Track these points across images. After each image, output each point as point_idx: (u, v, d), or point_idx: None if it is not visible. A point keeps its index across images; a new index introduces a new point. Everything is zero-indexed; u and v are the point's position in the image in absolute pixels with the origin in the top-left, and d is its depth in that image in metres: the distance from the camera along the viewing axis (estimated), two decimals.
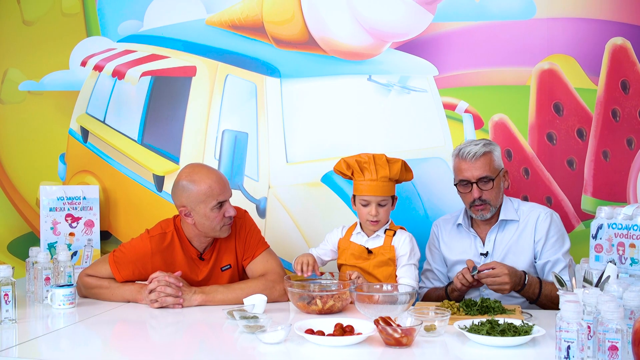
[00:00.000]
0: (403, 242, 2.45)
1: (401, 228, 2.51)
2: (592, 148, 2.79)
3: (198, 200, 2.38)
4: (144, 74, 3.21)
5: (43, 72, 3.35)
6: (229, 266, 2.53)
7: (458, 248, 2.57)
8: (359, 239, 2.49)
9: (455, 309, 2.10)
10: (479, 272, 2.27)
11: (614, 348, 1.43)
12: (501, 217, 2.50)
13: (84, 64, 3.30)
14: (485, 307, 2.09)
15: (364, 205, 2.42)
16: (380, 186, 2.38)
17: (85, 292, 2.49)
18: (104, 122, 3.29)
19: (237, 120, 3.11)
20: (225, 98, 3.12)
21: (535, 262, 2.47)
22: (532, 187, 2.84)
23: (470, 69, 2.88)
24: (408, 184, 2.91)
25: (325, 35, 3.00)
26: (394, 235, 2.47)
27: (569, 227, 2.78)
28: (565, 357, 1.45)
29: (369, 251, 2.46)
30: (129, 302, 2.41)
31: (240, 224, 2.56)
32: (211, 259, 2.51)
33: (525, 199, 2.82)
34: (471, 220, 2.57)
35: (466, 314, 2.07)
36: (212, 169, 2.48)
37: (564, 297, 1.51)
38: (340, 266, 2.52)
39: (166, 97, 3.20)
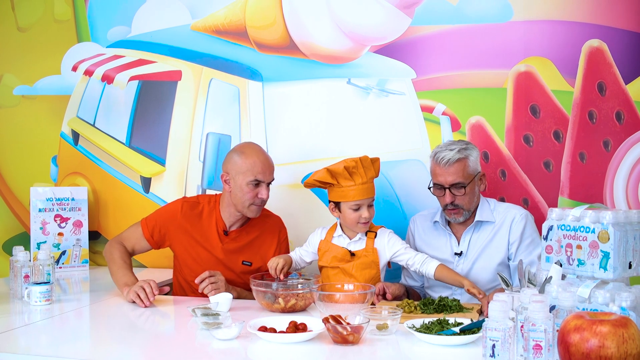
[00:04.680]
0: (389, 242, 2.48)
1: (381, 227, 2.54)
2: (569, 150, 2.80)
3: (239, 171, 2.53)
4: (132, 78, 3.30)
5: (36, 77, 3.46)
6: (249, 263, 2.64)
7: (433, 244, 2.60)
8: (341, 241, 2.52)
9: (413, 308, 2.13)
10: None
11: (538, 347, 1.46)
12: (477, 218, 2.52)
13: (74, 69, 3.40)
14: (442, 306, 2.12)
15: (356, 210, 2.43)
16: (370, 187, 2.42)
17: (106, 254, 2.65)
18: (93, 125, 3.38)
19: (221, 123, 3.18)
20: (209, 101, 3.19)
21: (509, 263, 2.49)
22: (509, 188, 2.86)
23: (448, 71, 2.91)
24: (387, 185, 2.96)
25: (305, 39, 3.06)
26: (375, 236, 2.51)
27: None
28: (490, 356, 1.48)
29: (352, 254, 2.49)
30: (117, 287, 2.53)
31: (284, 234, 2.75)
32: (237, 237, 2.63)
33: (502, 200, 2.83)
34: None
35: (422, 312, 2.10)
36: (264, 152, 2.63)
37: (495, 297, 1.54)
38: (321, 268, 2.55)
39: (153, 101, 3.28)
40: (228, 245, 2.62)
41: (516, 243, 2.47)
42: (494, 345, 1.47)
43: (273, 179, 2.60)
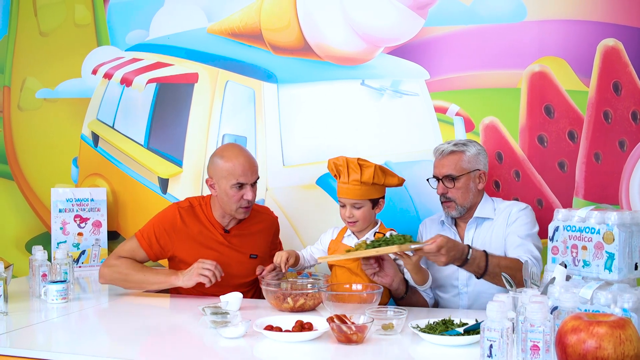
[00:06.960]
0: None
1: (391, 230, 2.56)
2: (584, 150, 2.77)
3: (221, 176, 2.54)
4: (150, 81, 3.36)
5: (58, 80, 3.55)
6: (256, 256, 2.66)
7: None
8: (350, 241, 2.55)
9: (359, 246, 2.26)
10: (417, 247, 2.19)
11: (535, 347, 1.46)
12: (476, 214, 2.55)
13: (94, 72, 3.48)
14: (385, 241, 2.21)
15: (342, 207, 2.50)
16: (351, 189, 2.44)
17: (112, 274, 2.57)
18: (113, 127, 3.45)
19: (237, 125, 3.22)
20: (225, 103, 3.24)
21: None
22: (523, 189, 2.84)
23: (461, 72, 2.91)
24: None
25: (320, 41, 3.08)
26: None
27: None
28: (488, 356, 1.49)
29: None
30: (162, 285, 2.53)
31: (276, 222, 2.81)
32: (239, 234, 2.65)
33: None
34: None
35: (366, 249, 2.20)
36: (245, 152, 2.61)
37: (495, 297, 1.55)
38: (331, 266, 2.58)
39: (170, 103, 3.34)
40: (233, 243, 2.64)
41: (510, 224, 2.48)
42: (491, 346, 1.48)
43: (257, 178, 2.59)
